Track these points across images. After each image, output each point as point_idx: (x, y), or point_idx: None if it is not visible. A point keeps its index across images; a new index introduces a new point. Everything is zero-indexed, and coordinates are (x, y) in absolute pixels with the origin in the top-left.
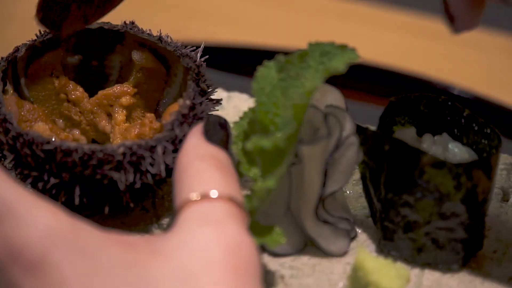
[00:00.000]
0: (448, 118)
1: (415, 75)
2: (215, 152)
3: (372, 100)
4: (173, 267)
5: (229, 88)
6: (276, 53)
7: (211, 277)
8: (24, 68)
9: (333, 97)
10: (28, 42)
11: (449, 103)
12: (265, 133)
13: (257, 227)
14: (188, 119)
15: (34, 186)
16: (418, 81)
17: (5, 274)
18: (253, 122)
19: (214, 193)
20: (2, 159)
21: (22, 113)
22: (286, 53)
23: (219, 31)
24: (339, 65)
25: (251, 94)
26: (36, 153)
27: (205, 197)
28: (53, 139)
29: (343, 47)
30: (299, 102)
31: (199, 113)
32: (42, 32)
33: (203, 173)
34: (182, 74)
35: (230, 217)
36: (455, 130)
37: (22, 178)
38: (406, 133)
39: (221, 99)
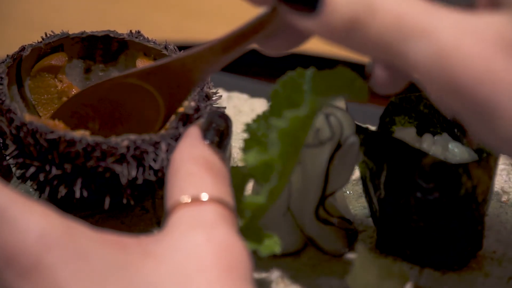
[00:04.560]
0: (448, 118)
1: None
2: (209, 154)
3: (372, 100)
4: (166, 269)
5: (229, 88)
6: None
7: (204, 278)
8: (28, 69)
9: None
10: (34, 43)
11: None
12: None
13: (254, 232)
14: (192, 120)
15: (35, 177)
16: None
17: (1, 278)
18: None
19: (204, 196)
20: (4, 149)
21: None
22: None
23: (219, 31)
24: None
25: (251, 94)
26: (39, 142)
27: (195, 200)
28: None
29: (354, 81)
30: (283, 126)
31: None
32: (48, 35)
33: (194, 176)
34: None
35: (220, 220)
36: (455, 130)
37: (24, 168)
38: (406, 133)
39: (225, 107)
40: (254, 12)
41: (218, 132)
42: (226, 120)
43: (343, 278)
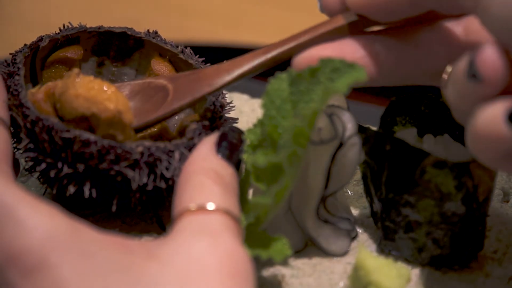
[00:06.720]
0: (449, 119)
1: None
2: (221, 167)
3: (373, 100)
4: (170, 272)
5: (229, 89)
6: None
7: (206, 282)
8: (42, 59)
9: (335, 97)
10: (52, 34)
11: None
12: (274, 147)
13: (262, 239)
14: (207, 130)
15: (45, 173)
16: None
17: (3, 276)
18: (263, 135)
19: (211, 206)
20: (17, 142)
21: None
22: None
23: (219, 31)
24: (342, 86)
25: (251, 94)
26: (54, 139)
27: (202, 208)
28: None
29: (353, 65)
30: (300, 125)
31: (218, 126)
32: (66, 27)
33: (204, 186)
34: None
35: (225, 229)
36: (456, 131)
37: (35, 163)
38: (407, 134)
39: (237, 118)
40: (254, 13)
41: (230, 146)
42: (239, 135)
43: (343, 278)
